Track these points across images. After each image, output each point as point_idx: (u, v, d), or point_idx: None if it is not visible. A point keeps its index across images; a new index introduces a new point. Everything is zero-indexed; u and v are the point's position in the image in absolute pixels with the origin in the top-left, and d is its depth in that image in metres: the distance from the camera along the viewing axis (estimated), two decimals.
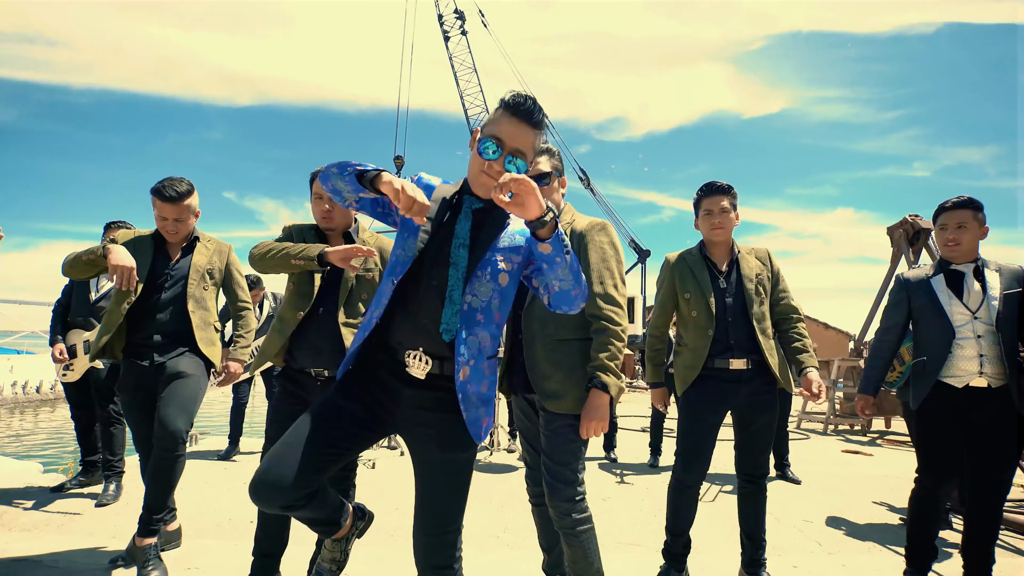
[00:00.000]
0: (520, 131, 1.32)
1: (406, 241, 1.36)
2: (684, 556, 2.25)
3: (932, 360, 2.14)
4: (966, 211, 2.19)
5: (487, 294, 1.34)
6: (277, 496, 1.23)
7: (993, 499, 2.06)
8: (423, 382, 1.32)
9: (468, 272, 1.32)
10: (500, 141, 1.31)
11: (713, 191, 2.23)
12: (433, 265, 1.32)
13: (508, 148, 1.31)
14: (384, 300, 1.33)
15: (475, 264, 1.33)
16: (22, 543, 2.55)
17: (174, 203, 2.27)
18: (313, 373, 1.93)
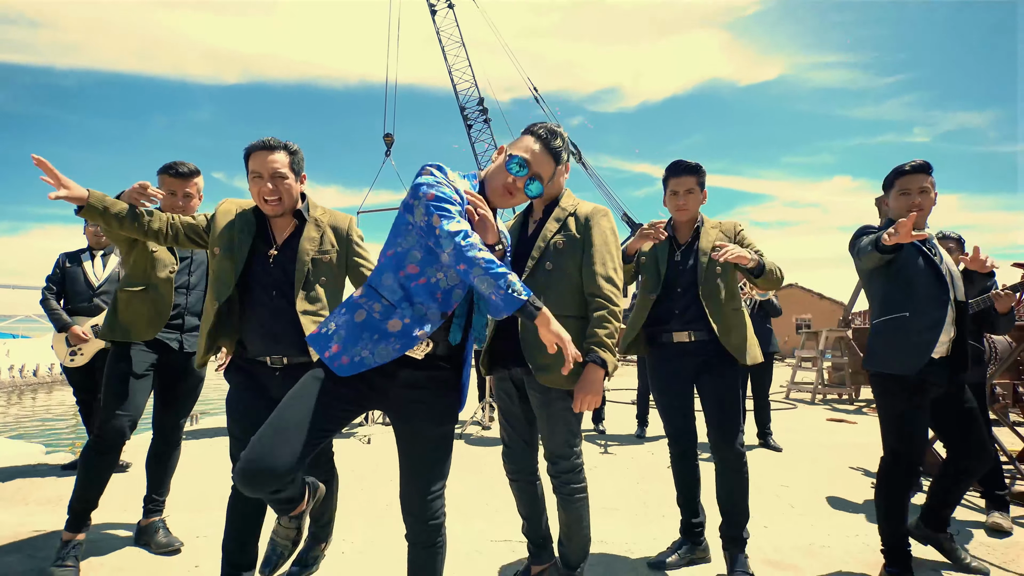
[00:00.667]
0: (546, 161, 1.55)
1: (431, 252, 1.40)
2: (695, 529, 2.26)
3: (923, 327, 2.00)
4: (928, 176, 2.10)
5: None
6: (270, 481, 1.27)
7: (983, 458, 2.13)
8: (420, 362, 1.42)
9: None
10: (528, 163, 1.51)
11: (680, 171, 2.22)
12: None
13: (532, 171, 1.51)
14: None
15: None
16: (41, 516, 2.67)
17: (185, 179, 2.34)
18: (269, 362, 1.78)
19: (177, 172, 2.32)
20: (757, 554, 2.35)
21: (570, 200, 1.93)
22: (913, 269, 2.06)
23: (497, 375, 1.96)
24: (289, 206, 1.81)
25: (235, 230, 1.79)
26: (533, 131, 1.56)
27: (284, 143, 1.80)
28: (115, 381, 2.16)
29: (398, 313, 1.36)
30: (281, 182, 1.76)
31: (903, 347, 2.04)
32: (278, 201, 1.77)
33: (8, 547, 2.33)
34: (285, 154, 1.78)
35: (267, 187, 1.74)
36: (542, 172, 1.53)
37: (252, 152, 1.77)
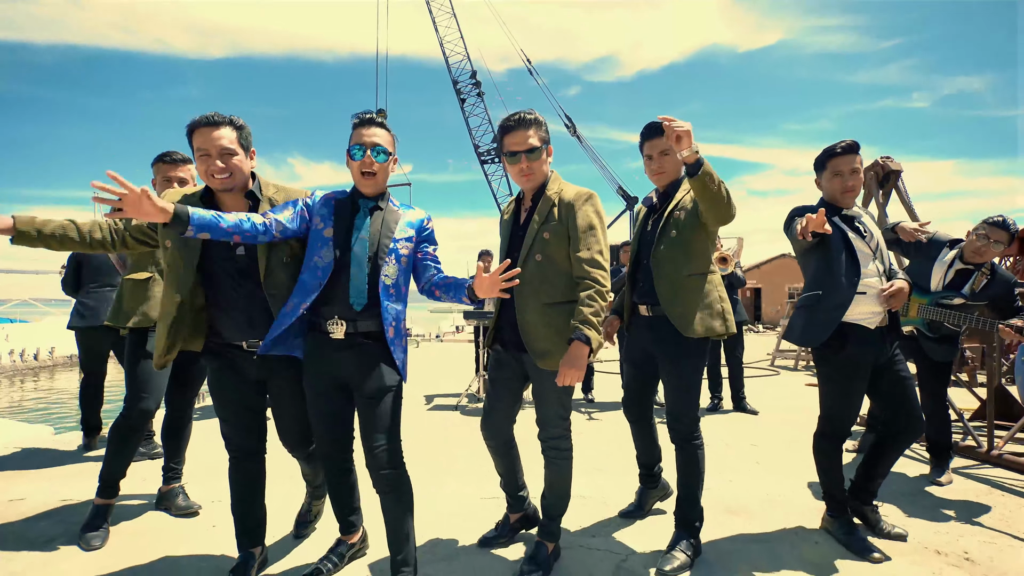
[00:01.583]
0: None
1: (320, 245, 1.79)
2: (650, 475, 2.46)
3: (835, 299, 2.13)
4: (857, 155, 2.16)
5: (395, 274, 1.83)
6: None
7: (917, 421, 2.22)
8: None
9: (374, 259, 1.80)
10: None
11: (651, 133, 2.14)
12: (344, 254, 1.79)
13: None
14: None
15: (382, 251, 1.81)
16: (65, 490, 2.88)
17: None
18: (246, 346, 1.81)
19: (172, 159, 2.49)
20: (718, 503, 2.61)
21: (555, 186, 2.00)
22: (835, 250, 2.16)
23: (495, 351, 2.13)
24: (240, 182, 1.78)
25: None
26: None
27: (229, 118, 1.77)
28: (139, 367, 2.36)
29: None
30: (230, 159, 1.73)
31: (812, 322, 2.18)
32: (228, 176, 1.73)
33: (39, 515, 2.55)
34: (231, 129, 1.75)
35: (216, 164, 1.70)
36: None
37: (196, 128, 1.72)
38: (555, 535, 2.06)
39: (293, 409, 1.93)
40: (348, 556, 2.05)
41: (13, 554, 2.17)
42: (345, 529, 2.06)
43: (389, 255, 1.82)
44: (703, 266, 2.11)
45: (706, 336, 2.07)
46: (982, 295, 2.86)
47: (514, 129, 1.95)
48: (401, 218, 1.90)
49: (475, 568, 2.06)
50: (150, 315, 2.46)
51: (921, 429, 2.25)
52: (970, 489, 2.87)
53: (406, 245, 1.87)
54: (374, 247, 1.81)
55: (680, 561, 2.02)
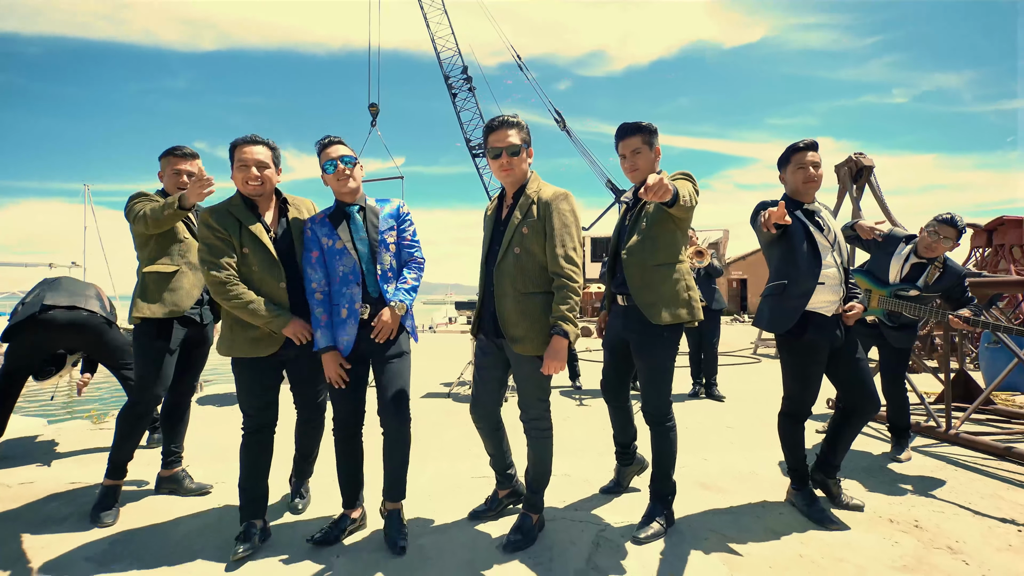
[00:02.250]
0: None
1: (335, 256, 2.16)
2: (624, 453, 2.65)
3: (798, 289, 2.30)
4: (816, 152, 2.33)
5: (390, 260, 2.18)
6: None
7: (873, 399, 2.41)
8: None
9: (372, 253, 2.15)
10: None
11: (624, 133, 2.27)
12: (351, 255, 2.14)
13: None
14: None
15: (376, 246, 2.17)
16: (72, 474, 3.01)
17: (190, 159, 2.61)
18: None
19: (181, 153, 2.59)
20: (692, 479, 2.80)
21: (534, 186, 2.14)
22: (797, 242, 2.32)
23: (480, 339, 2.29)
24: (269, 190, 2.20)
25: (237, 228, 2.12)
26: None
27: (266, 139, 2.19)
28: (154, 356, 2.43)
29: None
30: (263, 171, 2.15)
31: (778, 310, 2.36)
32: (260, 184, 2.14)
33: (49, 497, 2.68)
34: (266, 148, 2.17)
35: (252, 173, 2.12)
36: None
37: (238, 145, 2.14)
38: (539, 507, 2.23)
39: (314, 381, 2.32)
40: (348, 530, 2.22)
41: (31, 531, 2.30)
42: (349, 503, 2.26)
43: (381, 247, 2.18)
44: (671, 257, 2.24)
45: (674, 323, 2.21)
46: (935, 287, 3.05)
47: (498, 129, 2.11)
48: (381, 212, 2.23)
49: (466, 538, 2.22)
50: (181, 305, 2.48)
51: (876, 407, 2.43)
52: (927, 465, 3.09)
53: (390, 234, 2.22)
54: (371, 244, 2.17)
55: (654, 530, 2.20)
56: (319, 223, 2.19)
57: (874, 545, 2.15)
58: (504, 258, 2.10)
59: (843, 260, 2.39)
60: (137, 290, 2.50)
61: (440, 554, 2.09)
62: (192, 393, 2.78)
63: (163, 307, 2.45)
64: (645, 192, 1.84)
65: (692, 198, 2.11)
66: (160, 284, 2.47)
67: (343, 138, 2.18)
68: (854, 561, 2.02)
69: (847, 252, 2.44)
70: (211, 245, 2.09)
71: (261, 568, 2.00)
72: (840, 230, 2.44)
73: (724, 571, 1.95)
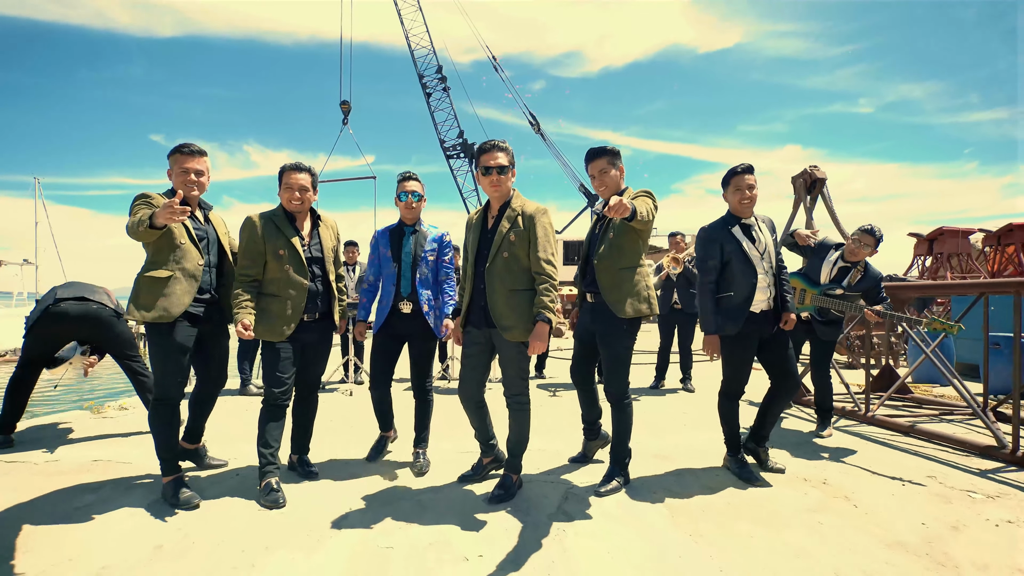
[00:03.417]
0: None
1: (386, 261, 3.03)
2: (591, 428, 3.11)
3: (739, 295, 2.77)
4: (753, 175, 2.81)
5: (426, 272, 2.97)
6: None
7: (793, 380, 2.91)
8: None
9: (413, 264, 2.97)
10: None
11: (591, 157, 2.70)
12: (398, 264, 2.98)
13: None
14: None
15: (417, 260, 2.97)
16: (97, 454, 3.30)
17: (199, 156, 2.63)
18: (306, 318, 2.74)
19: (189, 151, 2.60)
20: (648, 451, 3.29)
21: (518, 201, 2.58)
22: (736, 261, 2.79)
23: (467, 331, 2.70)
24: (306, 208, 2.74)
25: (280, 234, 2.65)
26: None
27: (309, 167, 2.73)
28: (166, 356, 2.53)
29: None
30: (304, 193, 2.69)
31: (727, 315, 2.81)
32: (300, 204, 2.69)
33: (78, 469, 2.98)
34: (309, 175, 2.72)
35: (295, 195, 2.68)
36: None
37: (287, 171, 2.68)
38: (518, 469, 2.67)
39: (322, 360, 2.93)
40: (386, 448, 3.30)
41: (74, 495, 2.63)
42: (386, 427, 3.27)
43: (422, 262, 3.01)
44: (634, 261, 2.65)
45: (636, 317, 2.65)
46: (857, 287, 3.62)
47: (489, 151, 2.56)
48: (427, 236, 3.04)
49: (457, 495, 2.65)
50: (172, 311, 2.49)
51: (795, 389, 2.94)
52: (844, 440, 3.65)
53: (432, 253, 3.05)
54: (413, 257, 3.00)
55: (612, 486, 2.67)
56: (383, 235, 3.06)
57: (788, 496, 2.66)
58: (494, 261, 2.53)
59: (772, 266, 2.87)
60: (131, 294, 2.54)
61: (436, 505, 2.52)
62: (220, 382, 2.96)
63: (153, 312, 2.46)
64: (608, 211, 2.26)
65: (649, 213, 2.54)
66: (152, 289, 2.49)
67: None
68: (770, 508, 2.53)
69: (774, 257, 2.90)
70: (245, 248, 2.55)
71: (286, 511, 2.38)
72: (776, 239, 2.93)
73: (666, 514, 2.43)
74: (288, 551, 2.07)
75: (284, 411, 2.70)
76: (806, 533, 2.25)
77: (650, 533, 2.24)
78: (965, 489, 2.75)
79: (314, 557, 2.03)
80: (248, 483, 2.78)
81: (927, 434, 3.68)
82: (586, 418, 3.11)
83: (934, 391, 5.52)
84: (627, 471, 2.79)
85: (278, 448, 2.68)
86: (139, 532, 2.24)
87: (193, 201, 2.66)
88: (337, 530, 2.25)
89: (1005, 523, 2.35)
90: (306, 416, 2.97)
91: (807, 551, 2.09)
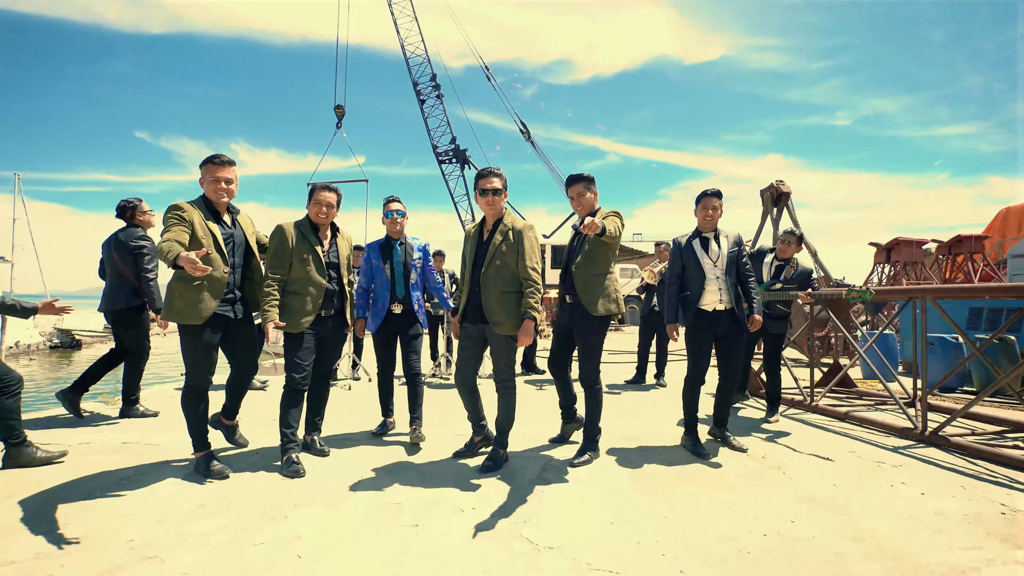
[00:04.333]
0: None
1: (378, 270, 3.56)
2: (567, 412, 3.59)
3: (693, 294, 3.48)
4: (720, 199, 3.45)
5: (415, 277, 3.58)
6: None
7: (735, 373, 3.52)
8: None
9: (405, 271, 3.54)
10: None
11: (570, 182, 3.22)
12: (386, 272, 3.52)
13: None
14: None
15: (408, 267, 3.53)
16: (125, 438, 3.67)
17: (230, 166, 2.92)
18: (323, 314, 3.19)
19: (220, 161, 2.88)
20: (618, 434, 3.78)
21: (509, 218, 3.07)
22: (691, 267, 3.45)
23: (464, 326, 3.16)
24: (329, 222, 3.24)
25: (306, 241, 3.13)
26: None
27: (336, 187, 3.23)
28: (195, 351, 2.85)
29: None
30: (331, 210, 3.20)
31: (685, 309, 3.47)
32: (325, 218, 3.19)
33: (110, 450, 3.35)
34: (336, 194, 3.23)
35: (323, 210, 3.17)
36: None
37: (319, 190, 3.17)
38: (505, 444, 3.14)
39: (336, 351, 3.38)
40: (388, 431, 3.78)
41: (111, 473, 3.01)
42: (387, 413, 3.81)
43: (412, 268, 3.59)
44: (605, 268, 3.14)
45: (606, 315, 3.13)
46: (792, 280, 4.30)
47: (487, 176, 3.05)
48: (413, 247, 3.62)
49: (452, 466, 3.10)
50: (201, 314, 2.78)
51: (735, 381, 3.53)
52: (789, 425, 4.19)
53: (418, 262, 3.63)
54: (404, 265, 3.55)
55: (584, 459, 3.15)
56: (373, 248, 3.60)
57: (731, 467, 3.17)
58: (488, 268, 3.00)
59: (723, 271, 3.41)
60: (165, 298, 2.84)
61: (435, 474, 2.97)
62: (251, 372, 3.23)
63: (185, 315, 2.76)
64: (583, 228, 2.78)
65: (617, 230, 3.07)
66: (184, 295, 2.77)
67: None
68: (714, 476, 3.02)
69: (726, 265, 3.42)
70: (275, 252, 3.06)
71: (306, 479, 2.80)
72: (741, 252, 3.46)
73: (628, 479, 2.92)
74: (313, 508, 2.50)
75: (303, 395, 3.13)
76: (739, 493, 2.75)
77: (613, 492, 2.72)
78: (876, 461, 3.29)
79: (336, 511, 2.46)
80: (267, 460, 3.19)
81: (858, 419, 4.25)
82: (563, 403, 3.59)
83: (878, 386, 6.12)
84: (597, 447, 3.28)
85: (298, 428, 3.12)
86: (182, 495, 2.64)
87: (222, 206, 2.96)
88: (352, 492, 2.69)
89: (900, 484, 2.88)
90: (320, 400, 3.40)
91: (737, 504, 2.59)
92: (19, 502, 2.53)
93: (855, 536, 2.25)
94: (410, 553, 2.08)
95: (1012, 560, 2.06)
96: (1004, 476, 3.01)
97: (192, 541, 2.15)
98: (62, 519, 2.34)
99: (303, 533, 2.23)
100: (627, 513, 2.47)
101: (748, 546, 2.16)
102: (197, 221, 2.79)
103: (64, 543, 2.12)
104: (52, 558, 2.01)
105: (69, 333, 20.71)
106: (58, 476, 2.90)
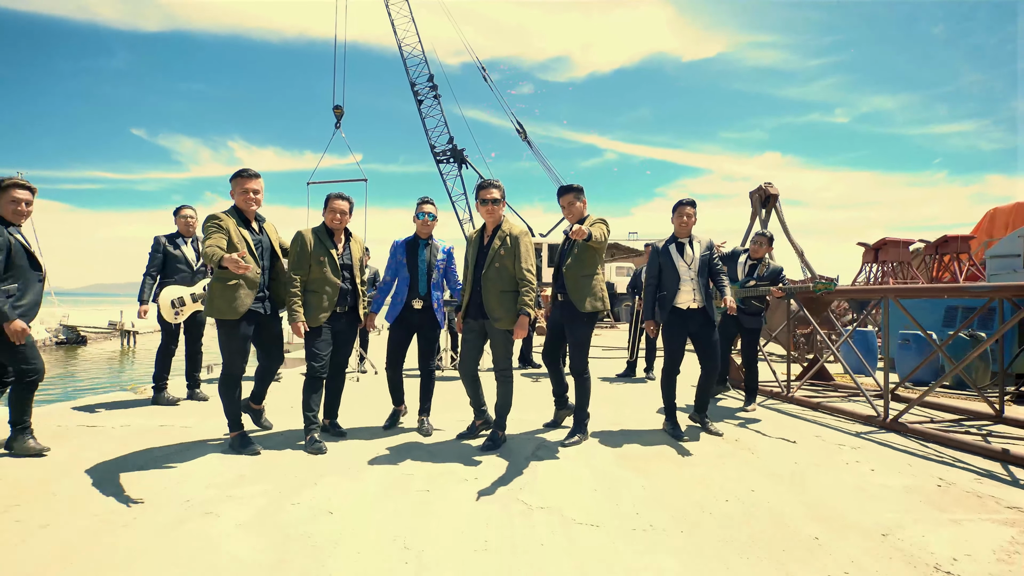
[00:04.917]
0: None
1: (401, 266, 3.78)
2: (559, 399, 3.98)
3: (669, 294, 3.83)
4: (694, 208, 3.83)
5: (437, 277, 3.69)
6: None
7: (713, 365, 3.89)
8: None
9: (428, 270, 3.72)
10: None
11: (561, 193, 3.62)
12: (413, 270, 3.75)
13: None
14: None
15: (431, 266, 3.72)
16: (161, 421, 4.05)
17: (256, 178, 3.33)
18: (338, 310, 3.54)
19: (248, 175, 3.29)
20: (605, 421, 4.16)
21: (507, 225, 3.45)
22: (667, 269, 3.81)
23: (467, 321, 3.54)
24: (343, 227, 3.59)
25: (322, 245, 3.46)
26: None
27: (349, 196, 3.55)
28: (230, 343, 3.24)
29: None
30: (345, 216, 3.54)
31: (662, 307, 3.83)
32: (339, 223, 3.53)
33: (150, 432, 3.73)
34: (349, 203, 3.57)
35: (338, 216, 3.51)
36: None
37: (333, 198, 3.50)
38: (503, 427, 3.52)
39: (349, 344, 3.69)
40: (399, 420, 4.02)
41: (154, 450, 3.39)
42: (398, 402, 3.99)
43: (435, 268, 3.79)
44: (592, 270, 3.53)
45: (593, 312, 3.52)
46: (765, 278, 4.67)
47: (487, 187, 3.42)
48: (438, 248, 3.82)
49: (457, 447, 3.49)
50: (238, 311, 3.16)
51: (715, 371, 3.87)
52: (765, 414, 4.57)
53: (442, 262, 3.83)
54: (428, 264, 3.75)
55: (574, 440, 3.53)
56: (401, 246, 3.80)
57: (706, 448, 3.54)
58: (488, 269, 3.38)
59: (696, 273, 3.78)
60: (207, 296, 3.22)
61: (442, 453, 3.35)
62: (278, 361, 3.65)
63: (225, 312, 3.14)
64: (572, 234, 3.15)
65: (602, 235, 3.46)
66: (224, 294, 3.15)
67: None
68: (691, 455, 3.40)
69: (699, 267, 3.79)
70: (297, 256, 3.39)
71: (329, 455, 3.18)
72: (712, 256, 3.82)
73: (612, 458, 3.29)
74: (337, 477, 2.88)
75: (323, 382, 3.51)
76: (710, 469, 3.13)
77: (598, 467, 3.10)
78: (838, 443, 3.67)
79: (358, 480, 2.84)
80: (291, 440, 3.57)
81: (829, 409, 4.62)
82: (555, 391, 3.97)
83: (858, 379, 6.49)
84: (586, 430, 3.65)
85: (318, 411, 3.50)
86: (223, 467, 3.03)
87: (251, 214, 3.33)
88: (370, 466, 3.07)
89: (854, 463, 3.26)
90: (336, 389, 3.78)
91: (707, 478, 2.97)
92: (85, 471, 2.91)
93: (804, 502, 2.63)
94: (427, 508, 2.46)
95: (933, 520, 2.44)
96: (950, 457, 3.39)
97: (239, 501, 2.53)
98: (125, 484, 2.73)
99: (332, 496, 2.61)
100: (609, 483, 2.85)
101: (711, 508, 2.53)
102: (232, 228, 3.19)
103: (132, 502, 2.50)
104: (125, 513, 2.39)
105: (75, 329, 21.09)
106: (111, 451, 3.28)
